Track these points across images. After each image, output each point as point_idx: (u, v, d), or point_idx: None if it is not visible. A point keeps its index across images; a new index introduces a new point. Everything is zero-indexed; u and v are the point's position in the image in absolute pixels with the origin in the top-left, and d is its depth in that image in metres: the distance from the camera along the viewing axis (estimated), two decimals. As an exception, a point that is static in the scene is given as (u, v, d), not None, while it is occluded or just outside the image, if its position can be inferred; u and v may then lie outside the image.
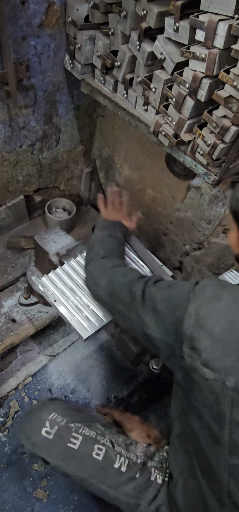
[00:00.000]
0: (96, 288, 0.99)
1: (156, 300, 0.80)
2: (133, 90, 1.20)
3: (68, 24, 1.23)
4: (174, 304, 0.75)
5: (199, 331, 0.68)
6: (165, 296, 0.78)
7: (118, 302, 0.90)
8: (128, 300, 0.86)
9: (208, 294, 0.72)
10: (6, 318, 1.52)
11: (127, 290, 0.87)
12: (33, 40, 1.21)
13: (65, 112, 1.51)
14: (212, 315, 0.68)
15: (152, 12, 1.02)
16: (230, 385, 0.65)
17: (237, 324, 0.66)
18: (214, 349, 0.66)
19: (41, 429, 0.99)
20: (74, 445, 0.97)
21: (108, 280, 0.94)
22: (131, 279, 0.89)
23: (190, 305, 0.71)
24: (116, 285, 0.91)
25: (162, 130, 1.13)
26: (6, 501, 1.32)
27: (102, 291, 0.96)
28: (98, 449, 0.97)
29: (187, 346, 0.70)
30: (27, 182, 1.63)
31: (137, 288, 0.85)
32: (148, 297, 0.82)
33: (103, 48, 1.18)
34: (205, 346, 0.67)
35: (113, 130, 1.62)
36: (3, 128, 1.36)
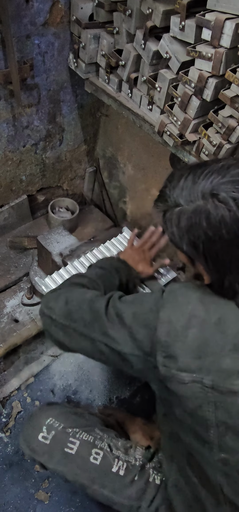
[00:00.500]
0: (49, 312, 0.82)
1: (124, 315, 0.75)
2: (137, 89, 1.19)
3: (72, 23, 1.22)
4: (145, 316, 0.74)
5: (172, 338, 0.68)
6: (134, 310, 0.76)
7: (77, 323, 0.80)
8: (89, 318, 0.78)
9: (176, 298, 0.72)
10: (8, 318, 1.52)
11: (87, 309, 0.79)
12: (37, 39, 1.20)
13: (69, 112, 1.51)
14: (183, 319, 0.69)
15: (158, 11, 1.01)
16: (208, 383, 0.65)
17: (209, 325, 0.67)
18: (189, 352, 0.67)
19: (38, 434, 0.99)
20: (72, 450, 0.97)
21: (65, 301, 0.82)
22: (91, 296, 0.82)
23: (161, 313, 0.71)
24: (74, 304, 0.81)
25: (167, 130, 1.12)
26: (8, 502, 1.31)
27: (56, 314, 0.82)
28: (96, 454, 0.97)
29: (161, 355, 0.69)
30: (30, 181, 1.62)
31: (99, 305, 0.79)
32: (113, 313, 0.77)
33: (107, 47, 1.17)
34: (180, 351, 0.67)
35: (117, 130, 1.61)
36: (6, 127, 1.35)
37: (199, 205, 0.65)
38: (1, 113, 1.30)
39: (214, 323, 0.67)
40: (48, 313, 0.83)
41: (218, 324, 0.67)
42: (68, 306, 0.82)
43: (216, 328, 0.67)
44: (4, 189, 1.55)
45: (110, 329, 0.75)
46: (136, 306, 0.77)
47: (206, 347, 0.66)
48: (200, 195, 0.65)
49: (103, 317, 0.77)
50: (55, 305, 0.82)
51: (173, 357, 0.68)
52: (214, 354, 0.66)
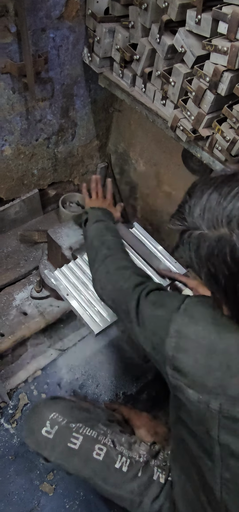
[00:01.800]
0: (102, 292, 0.99)
1: (145, 316, 0.79)
2: (151, 84, 1.18)
3: (87, 17, 1.22)
4: (158, 324, 0.74)
5: (180, 354, 0.67)
6: (152, 314, 0.78)
7: (119, 309, 0.91)
8: (125, 309, 0.86)
9: (190, 314, 0.70)
10: (17, 311, 1.53)
11: (124, 300, 0.87)
12: (53, 33, 1.21)
13: (82, 106, 1.51)
14: (192, 337, 0.66)
15: (174, 4, 1.00)
16: (214, 408, 0.63)
17: (218, 347, 0.64)
18: (196, 372, 0.65)
19: (41, 428, 0.99)
20: (75, 445, 0.96)
21: (112, 286, 0.94)
22: (129, 286, 0.88)
23: (172, 326, 0.70)
24: (117, 292, 0.91)
25: (180, 125, 1.11)
26: (13, 493, 1.32)
27: (107, 296, 0.97)
28: (99, 449, 0.97)
29: (170, 367, 0.69)
30: (42, 175, 1.63)
31: (132, 299, 0.84)
32: (140, 310, 0.82)
33: (122, 41, 1.17)
34: (188, 369, 0.66)
35: (130, 125, 1.60)
36: (20, 121, 1.37)
37: (223, 234, 0.56)
38: (15, 106, 1.31)
39: (224, 348, 0.63)
40: (100, 293, 0.99)
41: (228, 350, 0.63)
42: (113, 292, 0.93)
43: (226, 353, 0.63)
44: (16, 182, 1.56)
45: (136, 325, 0.82)
46: (154, 310, 0.78)
47: (214, 371, 0.63)
48: (225, 222, 0.56)
49: (134, 312, 0.83)
50: (105, 287, 0.96)
51: (180, 371, 0.67)
52: (222, 379, 0.62)
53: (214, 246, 0.57)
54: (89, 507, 1.30)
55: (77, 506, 1.30)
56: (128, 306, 0.85)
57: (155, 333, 0.74)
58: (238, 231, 0.54)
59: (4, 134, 1.36)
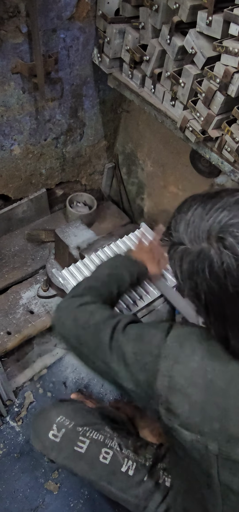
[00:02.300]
0: (61, 328, 0.83)
1: (125, 352, 0.70)
2: (160, 85, 1.19)
3: (98, 17, 1.23)
4: (144, 360, 0.67)
5: (174, 395, 0.62)
6: (135, 349, 0.70)
7: (84, 347, 0.78)
8: (94, 346, 0.75)
9: (181, 348, 0.64)
10: (24, 310, 1.54)
11: (92, 335, 0.76)
12: (63, 33, 1.21)
13: (91, 107, 1.52)
14: (186, 375, 0.62)
15: (185, 6, 1.01)
16: (212, 450, 0.60)
17: (215, 385, 0.60)
18: (192, 413, 0.61)
19: (48, 432, 0.98)
20: (81, 448, 0.96)
21: (73, 320, 0.80)
22: (97, 321, 0.77)
23: (162, 363, 0.64)
24: (81, 327, 0.78)
25: (189, 125, 1.11)
26: (18, 490, 1.33)
27: (67, 332, 0.81)
28: (106, 453, 0.96)
29: (163, 407, 0.64)
30: (50, 175, 1.64)
31: (104, 334, 0.74)
32: (116, 346, 0.72)
33: (132, 42, 1.17)
34: (182, 410, 0.61)
35: (138, 126, 1.61)
36: (29, 120, 1.38)
37: (203, 248, 0.55)
38: (25, 106, 1.32)
39: (221, 386, 0.59)
40: (60, 328, 0.83)
41: (225, 388, 0.59)
42: (77, 328, 0.79)
43: (223, 392, 0.59)
44: (24, 181, 1.57)
45: (113, 363, 0.72)
46: (138, 344, 0.70)
47: (211, 412, 0.59)
48: (205, 236, 0.55)
49: (107, 350, 0.73)
50: (66, 322, 0.81)
51: (174, 413, 0.63)
52: (220, 420, 0.59)
53: (194, 260, 0.56)
54: (94, 506, 1.30)
55: (81, 505, 1.31)
56: (98, 341, 0.75)
57: (141, 371, 0.67)
58: (216, 245, 0.53)
59: (13, 134, 1.37)
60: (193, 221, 0.57)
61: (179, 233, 0.59)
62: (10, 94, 1.25)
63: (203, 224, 0.55)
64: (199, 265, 0.55)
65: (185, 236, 0.58)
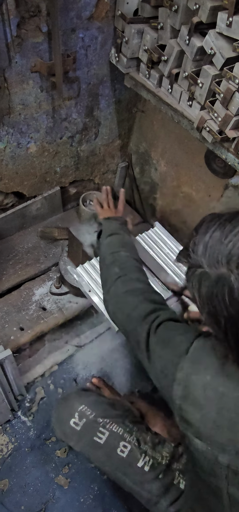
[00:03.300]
0: (114, 317, 0.93)
1: (154, 353, 0.76)
2: (178, 85, 1.19)
3: (117, 17, 1.24)
4: (166, 366, 0.71)
5: (187, 404, 0.64)
6: (160, 354, 0.74)
7: (130, 337, 0.86)
8: (136, 339, 0.82)
9: (197, 361, 0.66)
10: (37, 306, 1.56)
11: (134, 329, 0.82)
12: (82, 33, 1.23)
13: (106, 106, 1.53)
14: (200, 388, 0.63)
15: (205, 7, 1.01)
16: (223, 462, 0.60)
17: (227, 402, 0.60)
18: (204, 424, 0.62)
19: (70, 419, 1.01)
20: (100, 439, 0.98)
21: (122, 313, 0.88)
22: (139, 315, 0.82)
23: (178, 372, 0.66)
24: (127, 320, 0.86)
25: (206, 126, 1.11)
26: (29, 484, 1.34)
27: (118, 322, 0.92)
28: (124, 446, 0.97)
29: (177, 414, 0.67)
30: (64, 173, 1.66)
31: (143, 330, 0.79)
32: (150, 344, 0.78)
33: (151, 42, 1.18)
34: (195, 420, 0.63)
35: (152, 126, 1.61)
36: (46, 119, 1.39)
37: (223, 273, 0.54)
38: (42, 104, 1.34)
39: (233, 404, 0.60)
40: (112, 316, 0.94)
41: (237, 406, 0.60)
42: (123, 320, 0.88)
43: (235, 410, 0.59)
44: (39, 179, 1.59)
45: (145, 358, 0.78)
46: (163, 349, 0.74)
47: (223, 428, 0.60)
48: (224, 261, 0.53)
49: (144, 345, 0.79)
50: (117, 314, 0.91)
51: (188, 422, 0.64)
52: (231, 436, 0.59)
53: (213, 285, 0.55)
54: (103, 502, 1.31)
55: (91, 500, 1.32)
56: (138, 337, 0.80)
57: (163, 375, 0.71)
58: (237, 271, 0.52)
59: (30, 132, 1.39)
60: (211, 245, 0.56)
61: (197, 256, 0.58)
62: (28, 93, 1.27)
63: (222, 248, 0.54)
64: (219, 290, 0.54)
65: (203, 260, 0.57)
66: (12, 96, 1.24)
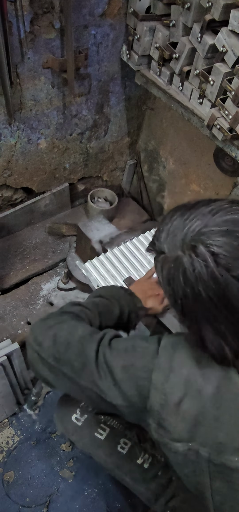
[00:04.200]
0: (38, 348, 0.74)
1: (114, 367, 0.68)
2: (188, 82, 1.19)
3: (129, 15, 1.25)
4: (136, 374, 0.66)
5: (167, 410, 0.62)
6: (125, 363, 0.67)
7: (65, 366, 0.72)
8: (78, 365, 0.70)
9: (172, 358, 0.64)
10: (44, 301, 1.57)
11: (76, 352, 0.71)
12: (94, 30, 1.23)
13: (116, 103, 1.53)
14: (178, 387, 0.62)
15: (218, 4, 1.01)
16: (204, 455, 0.60)
17: (205, 395, 0.60)
18: (183, 423, 0.61)
19: (72, 415, 1.01)
20: (101, 435, 0.98)
21: (53, 338, 0.73)
22: (80, 336, 0.72)
23: (154, 377, 0.64)
24: (63, 343, 0.72)
25: (217, 123, 1.12)
26: (34, 477, 1.35)
27: (44, 352, 0.73)
28: (124, 443, 0.97)
29: (154, 421, 0.64)
30: (73, 170, 1.67)
31: (89, 351, 0.70)
32: (103, 361, 0.69)
33: (162, 39, 1.19)
34: (175, 424, 0.62)
35: (162, 124, 1.62)
36: (56, 115, 1.40)
37: (178, 256, 0.57)
38: (53, 100, 1.35)
39: (211, 393, 0.60)
40: (36, 348, 0.74)
41: (215, 394, 0.60)
42: (57, 345, 0.72)
43: (213, 399, 0.60)
44: (48, 175, 1.60)
45: (99, 380, 0.69)
46: (127, 358, 0.68)
47: (202, 418, 0.60)
48: (180, 244, 0.57)
49: (93, 366, 0.69)
50: (44, 341, 0.74)
51: (166, 429, 0.63)
52: (210, 426, 0.60)
53: (171, 267, 0.58)
54: (107, 495, 1.32)
55: (95, 494, 1.33)
56: (83, 359, 0.70)
57: (132, 386, 0.66)
58: (188, 253, 0.55)
59: (41, 128, 1.40)
60: (172, 231, 0.59)
61: (160, 243, 0.61)
62: (40, 89, 1.28)
63: (179, 233, 0.58)
64: (175, 272, 0.57)
65: (165, 246, 0.60)
66: (24, 92, 1.25)
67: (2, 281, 1.54)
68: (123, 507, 1.31)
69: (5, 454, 1.40)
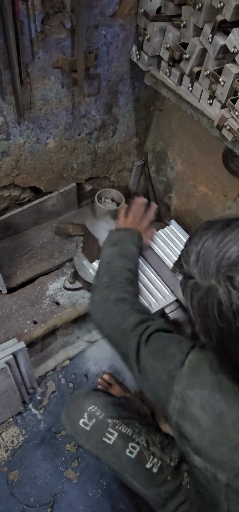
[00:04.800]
0: (99, 325, 0.93)
1: (146, 365, 0.74)
2: (198, 83, 1.19)
3: (139, 15, 1.25)
4: (161, 379, 0.69)
5: (185, 420, 0.63)
6: (153, 366, 0.72)
7: (117, 348, 0.86)
8: (124, 351, 0.82)
9: (194, 374, 0.64)
10: (50, 301, 1.57)
11: (122, 341, 0.82)
12: (104, 30, 1.24)
13: (125, 103, 1.53)
14: (197, 403, 0.61)
15: (230, 5, 1.01)
16: (222, 480, 0.60)
17: (224, 420, 0.59)
18: (202, 441, 0.61)
19: (79, 419, 1.01)
20: (109, 440, 0.98)
21: (109, 322, 0.87)
22: (127, 326, 0.81)
23: (175, 386, 0.65)
24: (115, 331, 0.85)
25: (227, 124, 1.11)
26: (39, 477, 1.35)
27: (104, 331, 0.92)
28: (132, 448, 0.97)
29: (175, 429, 0.66)
30: (80, 170, 1.67)
31: (132, 343, 0.78)
32: (140, 357, 0.76)
33: (173, 40, 1.18)
34: (193, 436, 0.62)
35: (170, 124, 1.61)
36: (65, 115, 1.40)
37: (212, 285, 0.52)
38: (62, 100, 1.35)
39: (230, 419, 0.58)
40: (97, 322, 0.93)
41: (235, 421, 0.58)
42: (111, 328, 0.87)
43: (233, 425, 0.58)
44: (55, 175, 1.61)
45: (136, 371, 0.77)
46: (157, 360, 0.72)
47: (221, 445, 0.59)
48: (214, 272, 0.52)
49: (133, 359, 0.78)
50: (103, 322, 0.90)
51: (186, 438, 0.63)
52: (229, 453, 0.58)
53: (203, 297, 0.53)
54: (112, 497, 1.31)
55: (100, 495, 1.32)
56: (127, 349, 0.79)
57: (158, 387, 0.70)
58: (224, 284, 0.50)
59: (49, 127, 1.40)
60: (203, 255, 0.55)
61: (189, 266, 0.57)
62: (49, 88, 1.28)
63: (212, 259, 0.53)
64: (209, 303, 0.53)
65: (195, 270, 0.56)
66: (34, 92, 1.25)
67: (8, 280, 1.54)
68: (127, 508, 1.30)
69: (10, 453, 1.40)
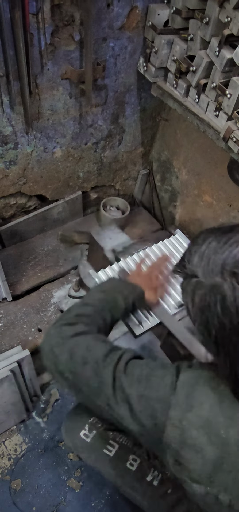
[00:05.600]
0: (54, 358, 0.73)
1: (129, 395, 0.66)
2: (205, 95, 1.20)
3: (147, 28, 1.27)
4: (153, 406, 0.63)
5: (186, 449, 0.60)
6: (141, 393, 0.65)
7: (82, 383, 0.72)
8: (95, 385, 0.70)
9: (191, 396, 0.61)
10: (55, 308, 1.57)
11: (93, 374, 0.70)
12: (112, 42, 1.26)
13: (131, 114, 1.55)
14: (197, 427, 0.59)
15: (237, 20, 1.02)
16: (224, 501, 0.58)
17: (227, 438, 0.57)
18: (204, 467, 0.58)
19: (80, 431, 1.00)
20: (110, 452, 0.96)
21: (69, 352, 0.72)
22: (96, 358, 0.71)
23: (172, 412, 0.61)
24: (79, 364, 0.71)
25: (233, 136, 1.12)
26: (41, 486, 1.34)
27: (62, 366, 0.73)
28: (133, 460, 0.96)
29: (172, 457, 0.62)
30: (86, 178, 1.68)
31: (106, 373, 0.69)
32: (119, 386, 0.68)
33: (180, 52, 1.20)
34: (194, 465, 0.59)
35: (176, 135, 1.63)
36: (73, 124, 1.42)
37: (216, 282, 0.53)
38: (70, 110, 1.37)
39: (235, 438, 0.57)
40: (53, 360, 0.73)
41: (238, 439, 0.57)
42: (73, 361, 0.72)
43: (235, 443, 0.57)
44: (62, 184, 1.62)
45: (116, 405, 0.68)
46: (143, 388, 0.66)
47: (224, 464, 0.57)
48: (218, 270, 0.54)
49: (110, 391, 0.68)
50: (60, 355, 0.72)
51: (184, 466, 0.60)
52: (232, 472, 0.57)
53: (206, 294, 0.55)
54: (115, 506, 1.30)
55: (102, 505, 1.31)
56: (100, 382, 0.69)
57: (148, 416, 0.64)
58: (230, 280, 0.52)
59: (57, 137, 1.42)
60: (207, 254, 0.56)
61: (193, 266, 0.58)
62: (57, 99, 1.30)
63: (217, 258, 0.55)
64: (211, 299, 0.54)
65: (198, 269, 0.57)
66: (42, 102, 1.27)
67: (13, 288, 1.55)
68: (131, 520, 1.28)
69: (13, 462, 1.39)
